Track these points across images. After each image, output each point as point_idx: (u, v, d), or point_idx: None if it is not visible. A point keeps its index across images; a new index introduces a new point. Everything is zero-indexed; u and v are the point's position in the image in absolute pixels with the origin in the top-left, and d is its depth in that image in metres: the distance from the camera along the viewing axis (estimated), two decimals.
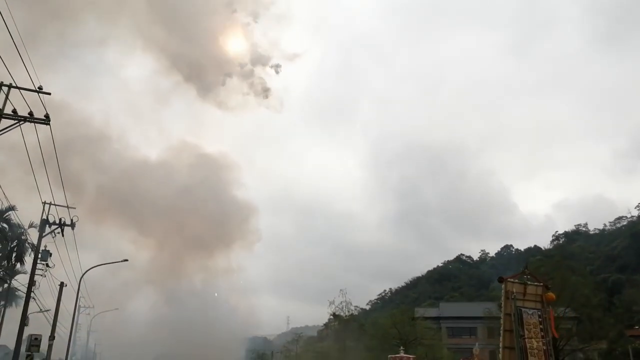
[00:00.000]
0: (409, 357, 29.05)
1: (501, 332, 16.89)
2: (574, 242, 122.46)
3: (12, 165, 44.11)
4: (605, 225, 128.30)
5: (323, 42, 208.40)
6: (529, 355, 15.70)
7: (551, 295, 17.62)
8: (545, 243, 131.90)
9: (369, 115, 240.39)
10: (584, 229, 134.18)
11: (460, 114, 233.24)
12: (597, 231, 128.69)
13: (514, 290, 16.71)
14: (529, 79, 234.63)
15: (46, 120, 19.52)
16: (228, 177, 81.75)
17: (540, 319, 16.58)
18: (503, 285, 17.14)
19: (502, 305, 17.15)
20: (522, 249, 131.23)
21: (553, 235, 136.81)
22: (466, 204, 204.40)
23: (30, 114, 18.91)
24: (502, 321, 16.96)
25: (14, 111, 18.64)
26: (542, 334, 16.35)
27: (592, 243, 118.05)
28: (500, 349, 16.73)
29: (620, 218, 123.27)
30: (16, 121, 18.67)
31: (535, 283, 17.48)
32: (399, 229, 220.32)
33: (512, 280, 17.26)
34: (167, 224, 77.31)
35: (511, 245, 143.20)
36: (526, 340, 15.89)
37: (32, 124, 19.28)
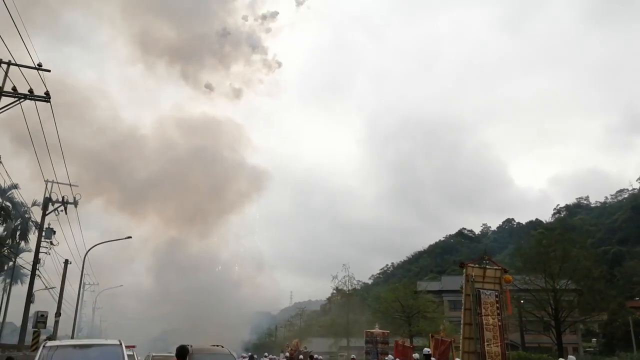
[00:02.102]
0: (383, 332, 29.62)
1: (462, 310, 18.88)
2: (575, 215, 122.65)
3: (12, 142, 44.04)
4: (606, 198, 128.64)
5: (317, 19, 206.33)
6: (484, 330, 17.88)
7: (508, 277, 19.72)
8: (546, 216, 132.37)
9: (364, 91, 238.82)
10: (585, 202, 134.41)
11: (454, 89, 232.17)
12: (598, 204, 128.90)
13: (474, 274, 18.89)
14: (522, 54, 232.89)
15: (46, 98, 19.41)
16: (228, 144, 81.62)
17: (497, 299, 18.67)
18: (464, 270, 19.14)
19: (463, 287, 19.20)
20: (524, 223, 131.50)
21: (554, 209, 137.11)
22: (462, 178, 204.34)
23: (31, 91, 18.81)
24: (463, 301, 18.98)
25: (14, 89, 18.54)
26: (498, 311, 18.48)
27: (594, 216, 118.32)
28: (462, 325, 18.70)
29: (621, 191, 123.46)
30: (16, 99, 18.59)
31: (494, 267, 19.71)
32: (397, 204, 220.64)
33: (472, 265, 19.53)
34: (167, 197, 77.62)
35: (513, 219, 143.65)
36: (483, 317, 18.02)
37: (33, 101, 19.22)
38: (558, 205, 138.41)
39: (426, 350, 19.47)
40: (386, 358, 24.32)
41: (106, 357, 11.31)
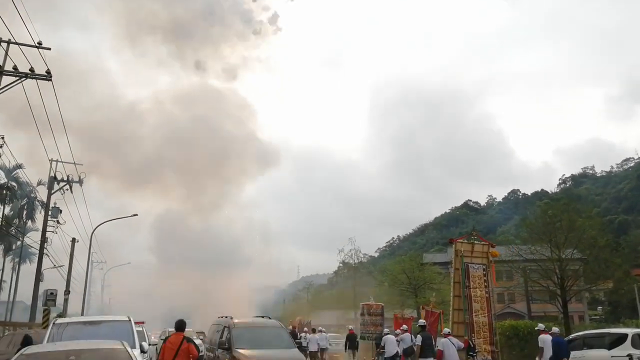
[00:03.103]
0: (378, 304, 30.24)
1: (452, 283, 20.20)
2: (581, 184, 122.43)
3: (15, 122, 43.96)
4: (612, 167, 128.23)
5: None
6: (472, 301, 19.07)
7: (495, 252, 20.78)
8: (551, 187, 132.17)
9: (364, 64, 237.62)
10: (590, 171, 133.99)
11: (455, 61, 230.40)
12: (604, 173, 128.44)
13: (462, 249, 19.95)
14: (523, 24, 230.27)
15: (48, 76, 19.29)
16: (231, 120, 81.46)
17: (484, 272, 19.80)
18: (453, 245, 20.41)
19: (453, 261, 20.33)
20: (529, 193, 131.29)
21: (560, 179, 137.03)
22: (465, 150, 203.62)
23: (32, 70, 18.68)
24: (452, 275, 20.39)
25: (15, 68, 18.41)
26: (485, 284, 19.62)
27: (599, 185, 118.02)
28: (451, 297, 19.95)
29: (627, 160, 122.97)
30: (17, 78, 18.47)
31: (482, 242, 20.93)
32: (401, 177, 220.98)
33: (461, 241, 20.67)
34: (171, 173, 77.78)
35: (518, 190, 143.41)
36: (471, 289, 19.20)
37: (34, 80, 19.09)
38: (564, 175, 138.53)
39: (421, 321, 19.95)
40: (385, 329, 24.87)
41: (115, 333, 11.43)
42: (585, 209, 42.46)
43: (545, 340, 16.51)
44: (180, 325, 10.92)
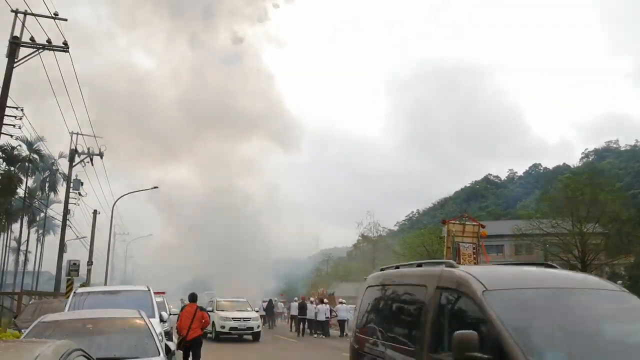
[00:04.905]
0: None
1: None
2: (604, 159, 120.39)
3: (35, 94, 44.28)
4: (637, 141, 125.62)
5: None
6: None
7: (484, 232, 22.86)
8: (572, 161, 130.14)
9: (378, 37, 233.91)
10: (614, 145, 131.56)
11: (470, 33, 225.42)
12: (628, 147, 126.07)
13: (454, 230, 21.76)
14: None
15: (65, 48, 19.27)
16: (247, 93, 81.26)
17: (474, 250, 21.60)
18: (446, 226, 22.15)
19: (445, 240, 22.10)
20: (551, 168, 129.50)
21: (582, 153, 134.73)
22: (482, 125, 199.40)
23: (49, 41, 18.65)
24: (444, 253, 22.18)
25: (32, 39, 18.37)
26: (475, 262, 21.10)
27: (623, 159, 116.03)
28: None
29: None
30: (35, 49, 18.45)
31: (473, 223, 22.94)
32: (419, 152, 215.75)
33: (453, 222, 22.63)
34: (191, 144, 78.24)
35: (539, 164, 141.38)
36: None
37: (52, 51, 19.06)
38: (586, 149, 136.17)
39: None
40: None
41: (134, 302, 11.54)
42: (608, 183, 41.85)
43: None
44: (193, 298, 13.03)
